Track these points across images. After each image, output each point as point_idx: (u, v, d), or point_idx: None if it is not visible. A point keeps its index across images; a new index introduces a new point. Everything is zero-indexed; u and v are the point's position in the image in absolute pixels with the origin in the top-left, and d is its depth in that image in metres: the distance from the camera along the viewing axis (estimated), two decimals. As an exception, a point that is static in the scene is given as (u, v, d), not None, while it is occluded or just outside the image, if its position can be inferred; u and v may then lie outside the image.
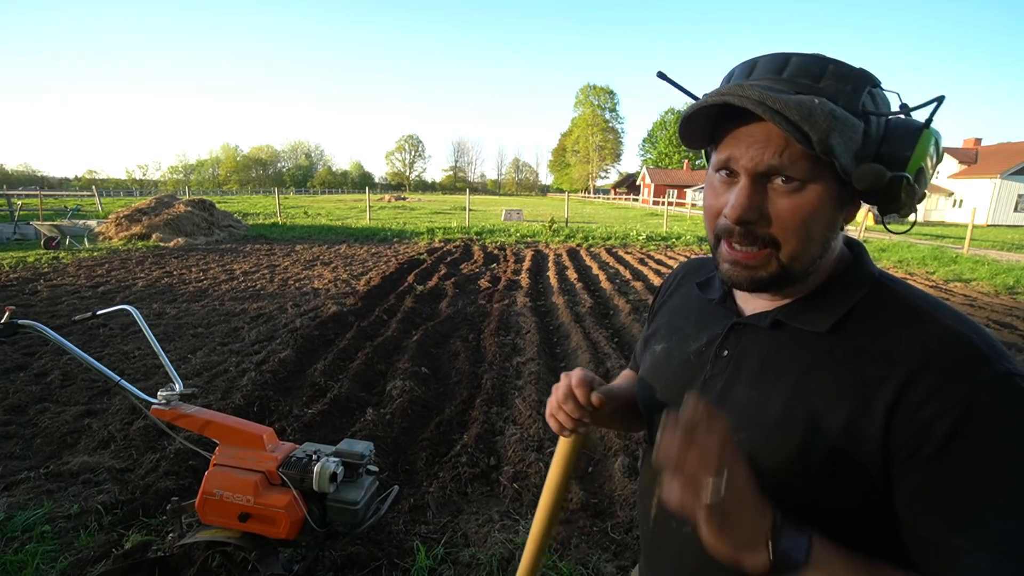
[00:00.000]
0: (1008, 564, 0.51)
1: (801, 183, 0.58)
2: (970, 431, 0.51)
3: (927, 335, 0.56)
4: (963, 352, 0.54)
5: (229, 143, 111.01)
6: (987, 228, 27.16)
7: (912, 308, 0.59)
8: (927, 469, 0.53)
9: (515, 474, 2.87)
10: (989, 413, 0.51)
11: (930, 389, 0.53)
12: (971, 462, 0.52)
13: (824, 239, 0.61)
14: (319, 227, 17.45)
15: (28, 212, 18.00)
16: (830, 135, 0.53)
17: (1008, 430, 0.51)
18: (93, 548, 2.21)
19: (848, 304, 0.62)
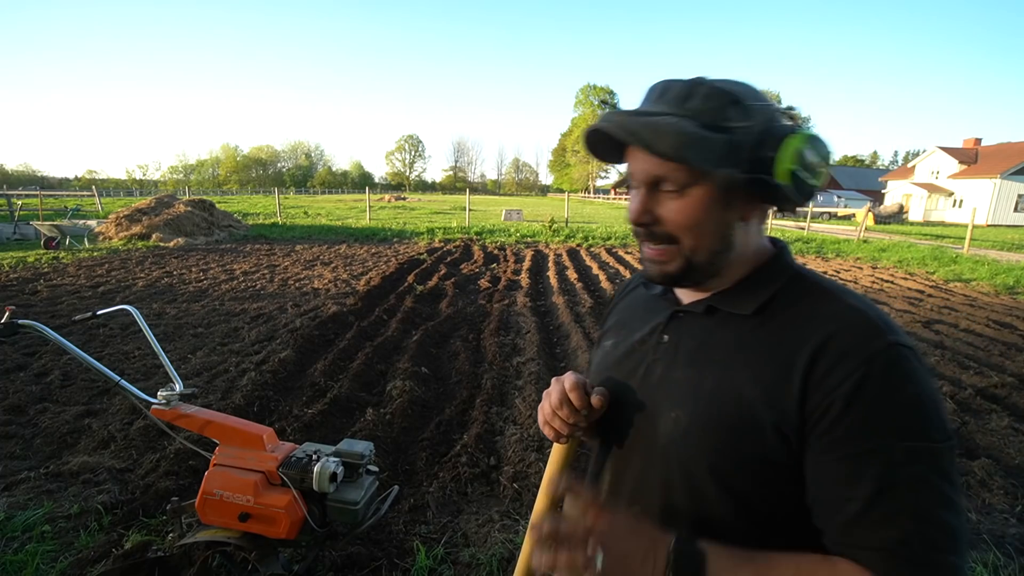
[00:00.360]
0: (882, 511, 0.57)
1: (681, 188, 0.66)
2: (862, 397, 0.58)
3: (834, 312, 0.64)
4: (863, 325, 0.61)
5: (229, 143, 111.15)
6: (987, 228, 27.16)
7: (823, 291, 0.67)
8: (832, 430, 0.59)
9: (515, 474, 2.87)
10: (882, 378, 0.58)
11: (835, 357, 0.60)
12: (864, 421, 0.58)
13: (719, 234, 0.69)
14: (319, 227, 17.45)
15: (28, 212, 17.99)
16: (681, 148, 0.62)
17: (895, 392, 0.58)
18: (93, 548, 2.21)
19: (771, 290, 0.69)
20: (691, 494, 0.69)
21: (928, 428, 0.57)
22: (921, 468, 0.56)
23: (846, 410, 0.58)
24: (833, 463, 0.59)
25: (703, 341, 0.72)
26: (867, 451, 0.58)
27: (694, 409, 0.68)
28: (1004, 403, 4.07)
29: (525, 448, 3.07)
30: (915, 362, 0.60)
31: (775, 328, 0.66)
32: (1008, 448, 3.32)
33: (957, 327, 6.34)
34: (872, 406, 0.58)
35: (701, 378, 0.69)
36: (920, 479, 0.56)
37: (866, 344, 0.60)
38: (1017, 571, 2.31)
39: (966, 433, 3.54)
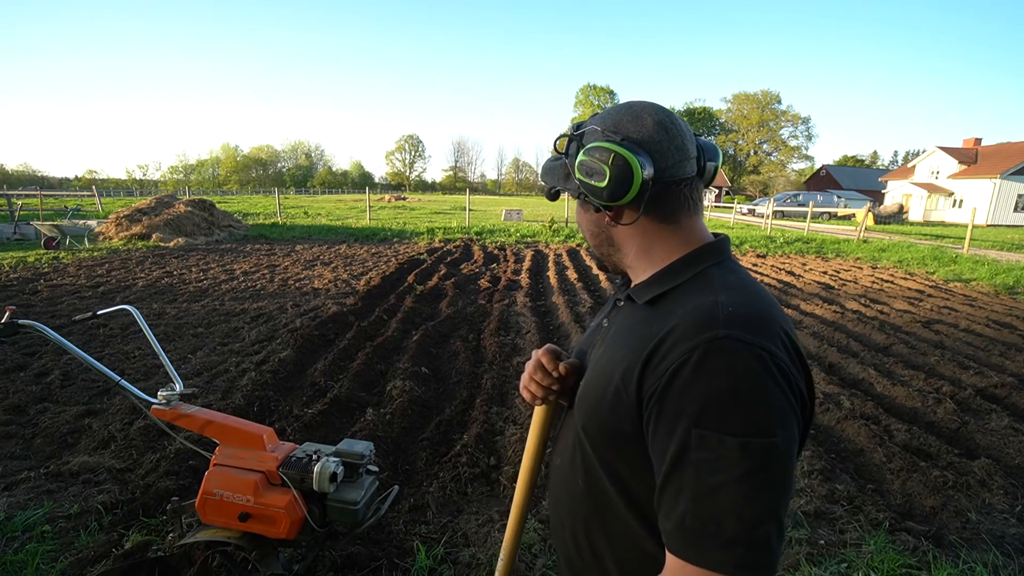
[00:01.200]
0: (671, 491, 0.62)
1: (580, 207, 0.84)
2: (677, 381, 0.62)
3: (695, 304, 0.68)
4: (703, 318, 0.65)
5: (229, 143, 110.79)
6: (987, 228, 27.16)
7: (707, 287, 0.71)
8: (652, 411, 0.65)
9: (515, 474, 2.87)
10: (696, 367, 0.61)
11: (669, 345, 0.65)
12: (671, 406, 0.63)
13: (593, 233, 0.84)
14: (319, 227, 17.45)
15: (28, 212, 17.99)
16: (543, 176, 0.86)
17: (704, 382, 0.61)
18: (93, 548, 2.22)
19: (669, 285, 0.75)
20: (582, 457, 0.79)
21: (726, 420, 0.59)
22: (707, 455, 0.59)
23: (663, 393, 0.63)
24: (653, 440, 0.66)
25: (620, 325, 0.81)
26: (669, 432, 0.62)
27: (588, 377, 0.80)
28: (1004, 403, 4.07)
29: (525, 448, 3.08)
30: (739, 356, 0.61)
31: (652, 317, 0.73)
32: (1008, 448, 3.32)
33: (957, 327, 6.34)
34: (681, 392, 0.62)
35: (601, 355, 0.80)
36: (705, 464, 0.59)
37: (696, 334, 0.63)
38: (1017, 571, 2.31)
39: (966, 433, 3.55)
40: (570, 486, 0.83)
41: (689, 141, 0.76)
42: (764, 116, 75.55)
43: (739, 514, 0.57)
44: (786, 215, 29.55)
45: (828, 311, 6.85)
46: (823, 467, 2.96)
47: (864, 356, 5.05)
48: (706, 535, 0.58)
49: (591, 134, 0.77)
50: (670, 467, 0.62)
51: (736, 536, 0.57)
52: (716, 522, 0.58)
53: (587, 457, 0.78)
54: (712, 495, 0.58)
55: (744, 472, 0.57)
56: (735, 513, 0.57)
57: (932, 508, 2.75)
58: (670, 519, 0.62)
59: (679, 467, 0.61)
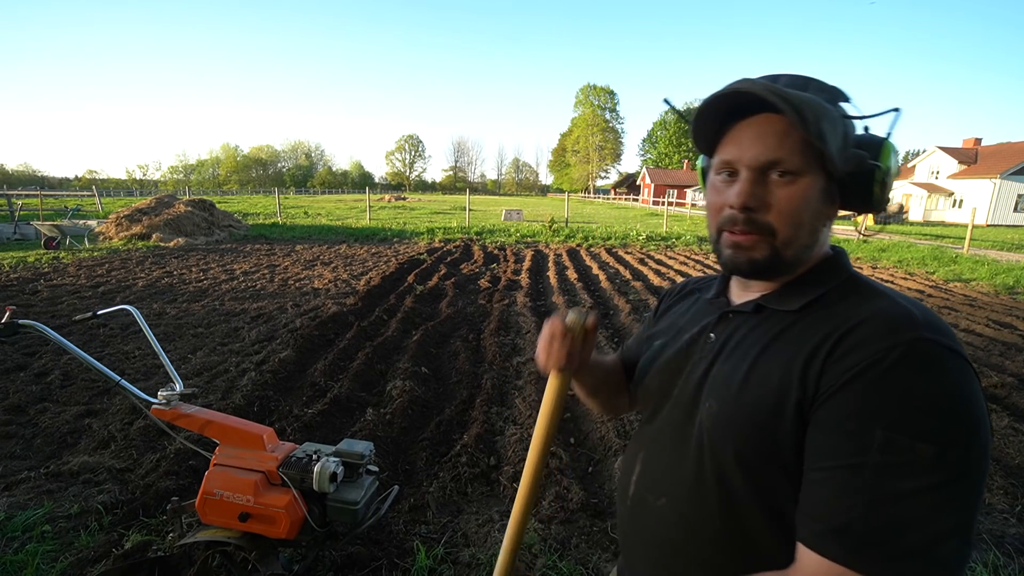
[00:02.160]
0: (839, 490, 0.55)
1: (795, 175, 0.65)
2: (865, 378, 0.56)
3: (874, 306, 0.62)
4: (900, 319, 0.59)
5: (229, 143, 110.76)
6: (987, 228, 27.16)
7: (873, 291, 0.66)
8: (828, 404, 0.58)
9: (515, 474, 2.87)
10: (892, 365, 0.55)
11: (859, 340, 0.59)
12: (853, 403, 0.56)
13: (813, 228, 0.69)
14: (319, 227, 17.45)
15: (28, 212, 17.99)
16: (821, 121, 0.61)
17: (902, 381, 0.55)
18: (93, 548, 2.22)
19: (821, 289, 0.69)
20: (720, 485, 0.68)
21: (922, 424, 0.53)
22: (899, 459, 0.53)
23: (843, 389, 0.57)
24: (818, 436, 0.58)
25: (746, 337, 0.72)
26: (852, 429, 0.56)
27: (725, 396, 0.68)
28: (1004, 403, 4.07)
29: (525, 448, 3.07)
30: (948, 361, 0.55)
31: (815, 320, 0.66)
32: (1008, 448, 3.32)
33: (957, 327, 6.33)
34: (871, 389, 0.55)
35: (736, 369, 0.69)
36: (893, 468, 0.53)
37: (892, 333, 0.57)
38: (1017, 571, 2.31)
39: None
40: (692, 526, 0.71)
41: None
42: (764, 116, 75.45)
43: (922, 527, 0.52)
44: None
45: (828, 311, 6.84)
46: (823, 467, 2.96)
47: (864, 356, 5.04)
48: (878, 543, 0.52)
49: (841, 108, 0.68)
50: (842, 466, 0.55)
51: (915, 549, 0.51)
52: (894, 532, 0.52)
53: (733, 492, 0.67)
54: (894, 503, 0.52)
55: (936, 483, 0.52)
56: (917, 526, 0.52)
57: (932, 508, 2.74)
58: (828, 520, 0.55)
59: (856, 468, 0.54)
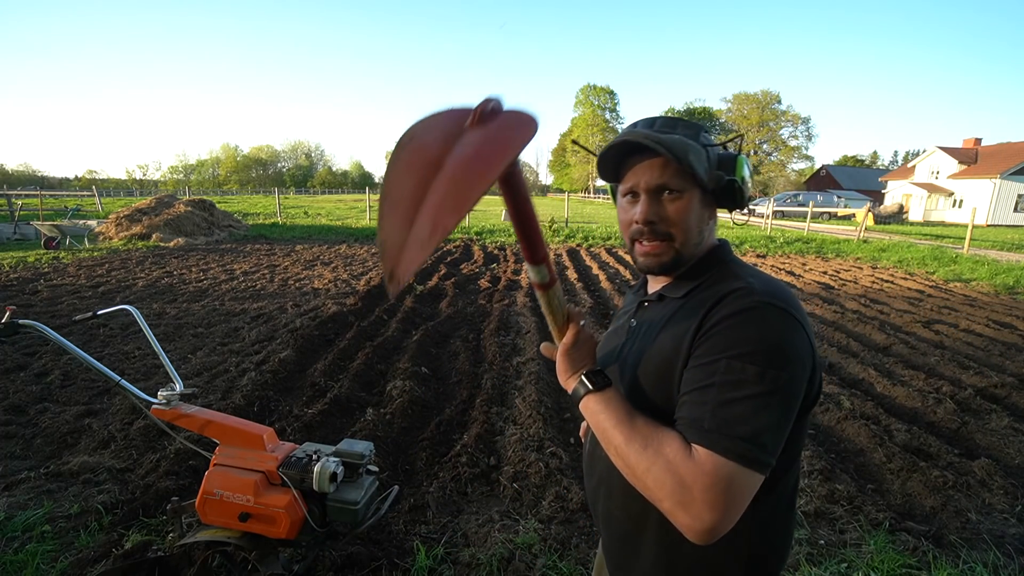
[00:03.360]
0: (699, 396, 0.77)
1: (679, 192, 0.88)
2: (719, 329, 0.79)
3: (732, 285, 0.84)
4: (746, 291, 0.81)
5: (229, 143, 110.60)
6: (987, 228, 27.15)
7: (737, 275, 0.87)
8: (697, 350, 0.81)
9: (515, 474, 2.87)
10: (739, 318, 0.78)
11: (719, 310, 0.81)
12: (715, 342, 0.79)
13: (699, 230, 0.91)
14: (319, 227, 17.45)
15: (28, 212, 17.99)
16: (687, 154, 0.83)
17: (744, 328, 0.77)
18: (93, 548, 2.22)
19: (700, 279, 0.91)
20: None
21: (754, 355, 0.75)
22: (734, 377, 0.74)
23: (705, 339, 0.80)
24: (687, 373, 0.81)
25: (653, 320, 0.94)
26: (707, 361, 0.78)
27: (641, 368, 0.91)
28: (1004, 403, 4.07)
29: (525, 448, 3.07)
30: (776, 314, 0.78)
31: (696, 302, 0.87)
32: (1008, 448, 3.32)
33: (957, 327, 6.33)
34: (723, 334, 0.78)
35: (645, 346, 0.92)
36: (731, 383, 0.74)
37: (738, 300, 0.80)
38: (1017, 571, 2.31)
39: (966, 433, 3.55)
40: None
41: None
42: (764, 116, 75.51)
43: (748, 420, 0.73)
44: (786, 215, 29.54)
45: (828, 311, 6.85)
46: (823, 467, 2.96)
47: (864, 356, 5.04)
48: (719, 430, 0.73)
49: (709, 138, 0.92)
50: (699, 386, 0.77)
51: (743, 435, 0.72)
52: (731, 423, 0.73)
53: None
54: (731, 405, 0.74)
55: (758, 392, 0.73)
56: (745, 419, 0.73)
57: (932, 508, 2.75)
58: (691, 420, 0.76)
59: (708, 386, 0.76)
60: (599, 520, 1.06)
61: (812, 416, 3.73)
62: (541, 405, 3.62)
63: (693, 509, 0.71)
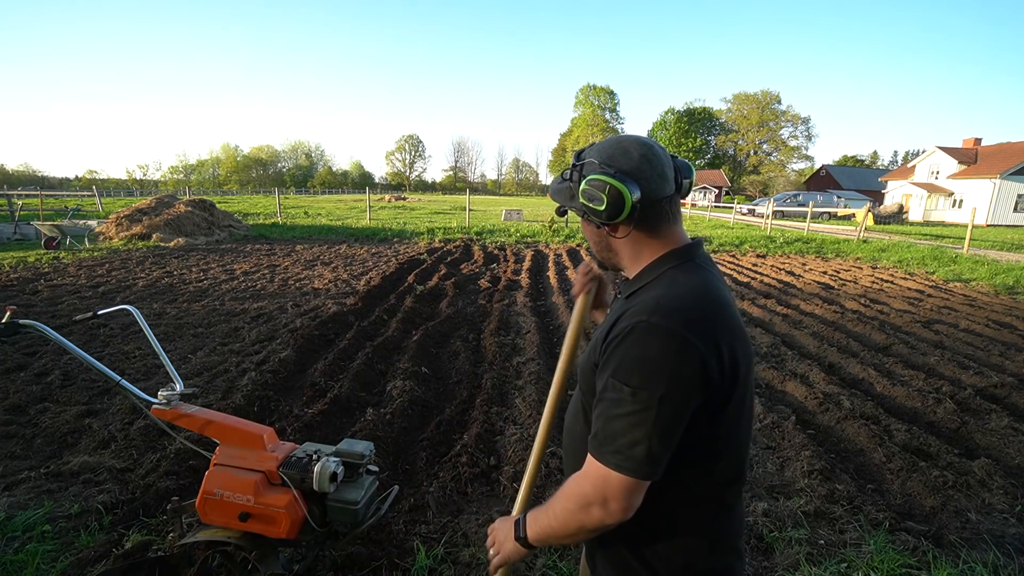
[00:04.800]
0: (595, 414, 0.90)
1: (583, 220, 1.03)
2: (611, 346, 0.89)
3: (644, 297, 0.93)
4: (643, 307, 0.89)
5: (229, 143, 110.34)
6: (987, 228, 27.15)
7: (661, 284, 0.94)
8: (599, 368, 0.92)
9: (515, 474, 2.87)
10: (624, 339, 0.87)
11: (619, 325, 0.90)
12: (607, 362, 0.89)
13: (598, 243, 1.05)
14: (319, 227, 17.46)
15: (28, 212, 18.00)
16: (556, 196, 1.06)
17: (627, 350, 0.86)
18: (93, 548, 2.22)
19: (641, 283, 0.98)
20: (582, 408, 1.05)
21: (629, 375, 0.85)
22: (615, 395, 0.86)
23: (605, 350, 0.91)
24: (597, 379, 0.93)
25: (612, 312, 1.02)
26: (601, 378, 0.90)
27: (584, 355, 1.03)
28: (1004, 403, 4.07)
29: (525, 448, 3.07)
30: (654, 334, 0.85)
31: (628, 306, 0.94)
32: (1008, 448, 3.32)
33: (957, 327, 6.34)
34: (612, 352, 0.88)
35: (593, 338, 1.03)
36: (613, 400, 0.86)
37: (635, 317, 0.87)
38: (1017, 571, 2.31)
39: (966, 433, 3.55)
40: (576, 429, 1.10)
41: (667, 167, 0.96)
42: (764, 116, 75.51)
43: (624, 435, 0.84)
44: (786, 215, 29.54)
45: (828, 311, 6.85)
46: (823, 467, 2.96)
47: (864, 356, 5.05)
48: (604, 443, 0.87)
49: (590, 166, 0.97)
50: (597, 398, 0.90)
51: (620, 447, 0.85)
52: (612, 437, 0.86)
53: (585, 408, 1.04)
54: (612, 421, 0.86)
55: (632, 411, 0.84)
56: (622, 434, 0.85)
57: (932, 508, 2.75)
58: (591, 430, 0.91)
59: (600, 401, 0.89)
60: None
61: (812, 416, 3.76)
62: (541, 405, 3.63)
63: (593, 508, 0.88)
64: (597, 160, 0.95)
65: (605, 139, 1.00)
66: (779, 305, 7.23)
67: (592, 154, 0.98)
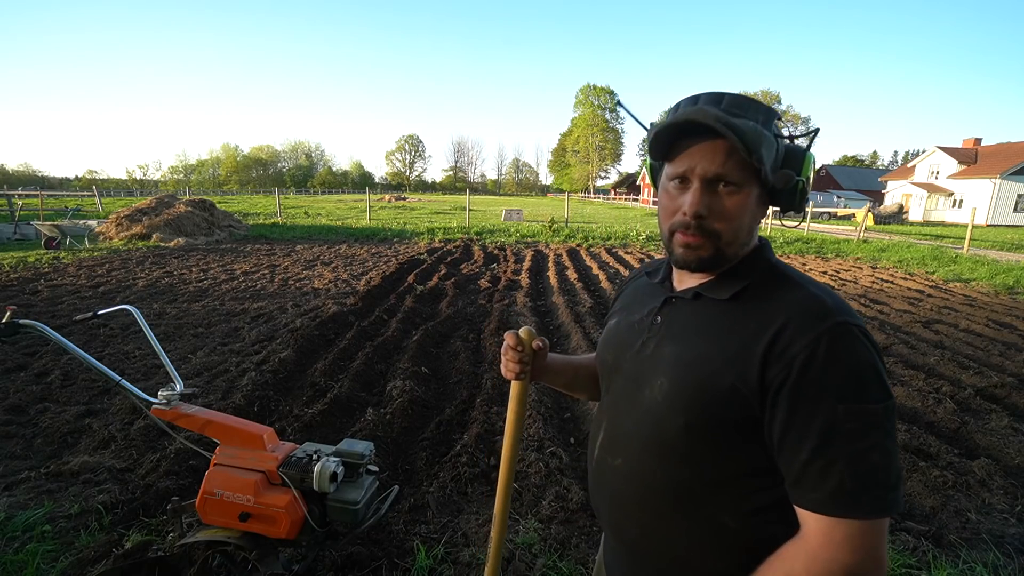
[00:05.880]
0: (823, 461, 0.69)
1: (738, 186, 0.78)
2: (812, 368, 0.70)
3: (794, 298, 0.76)
4: (815, 309, 0.73)
5: (229, 143, 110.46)
6: (987, 228, 27.15)
7: (789, 281, 0.80)
8: (789, 395, 0.71)
9: (515, 474, 2.87)
10: (827, 351, 0.69)
11: (791, 336, 0.72)
12: (812, 387, 0.69)
13: (749, 229, 0.82)
14: (319, 227, 17.46)
15: (28, 212, 18.00)
16: (760, 147, 0.74)
17: (838, 363, 0.69)
18: (93, 548, 2.22)
19: (746, 280, 0.82)
20: (662, 451, 0.83)
21: (864, 391, 0.68)
22: (856, 424, 0.68)
23: (799, 378, 0.70)
24: (788, 423, 0.71)
25: (688, 322, 0.85)
26: (813, 412, 0.69)
27: (674, 376, 0.81)
28: (1004, 403, 4.07)
29: (525, 448, 3.08)
30: (859, 336, 0.71)
31: (746, 310, 0.79)
32: (1008, 448, 3.32)
33: (957, 327, 6.34)
34: (819, 374, 0.69)
35: (682, 351, 0.82)
36: (855, 433, 0.68)
37: (818, 323, 0.71)
38: (1017, 571, 2.31)
39: (966, 433, 3.55)
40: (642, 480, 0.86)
41: None
42: (764, 116, 75.48)
43: (887, 466, 0.68)
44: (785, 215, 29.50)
45: (828, 311, 6.84)
46: (823, 467, 2.96)
47: (864, 356, 5.04)
48: (866, 491, 0.67)
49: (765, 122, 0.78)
50: (819, 443, 0.68)
51: (887, 483, 0.68)
52: (873, 478, 0.67)
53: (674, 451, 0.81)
54: (866, 457, 0.67)
55: (886, 431, 0.68)
56: (884, 466, 0.68)
57: (932, 508, 2.75)
58: (822, 489, 0.68)
59: (830, 441, 0.68)
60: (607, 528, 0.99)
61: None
62: (541, 405, 3.63)
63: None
64: (763, 118, 0.78)
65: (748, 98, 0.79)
66: (779, 305, 7.22)
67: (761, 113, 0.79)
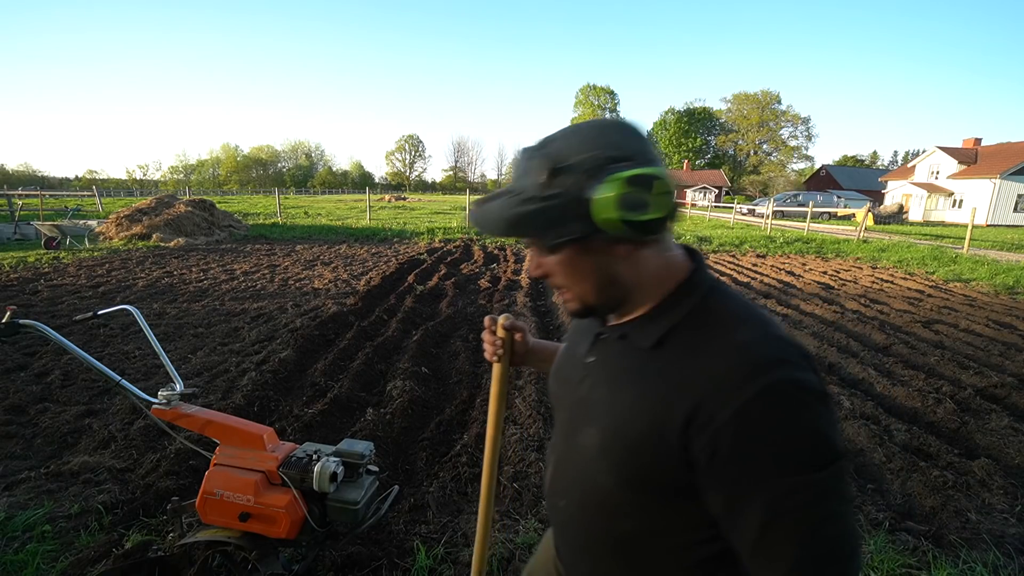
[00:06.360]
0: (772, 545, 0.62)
1: (551, 251, 0.73)
2: (741, 440, 0.61)
3: (720, 350, 0.66)
4: (745, 367, 0.63)
5: (229, 143, 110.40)
6: (987, 228, 27.15)
7: (718, 323, 0.69)
8: (720, 472, 0.63)
9: (515, 474, 2.87)
10: (759, 420, 0.61)
11: (716, 404, 0.62)
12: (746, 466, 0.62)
13: (597, 277, 0.73)
14: (319, 227, 17.45)
15: (28, 212, 18.00)
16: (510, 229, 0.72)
17: (773, 432, 0.61)
18: (93, 548, 2.22)
19: (669, 324, 0.71)
20: (601, 503, 0.77)
21: (806, 460, 0.60)
22: (803, 497, 0.60)
23: (731, 453, 0.62)
24: (727, 501, 0.64)
25: (615, 365, 0.77)
26: (752, 490, 0.62)
27: (603, 426, 0.74)
28: (1004, 403, 4.07)
29: (525, 448, 3.08)
30: (794, 395, 0.61)
31: (669, 360, 0.70)
32: (1008, 448, 3.32)
33: (957, 327, 6.34)
34: (753, 448, 0.61)
35: (611, 400, 0.75)
36: (803, 507, 0.60)
37: (746, 386, 0.61)
38: (1017, 571, 2.31)
39: (966, 433, 3.55)
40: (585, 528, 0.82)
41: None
42: (764, 116, 75.60)
43: (841, 534, 0.62)
44: (786, 215, 29.55)
45: (828, 311, 6.85)
46: (823, 467, 2.96)
47: (864, 356, 5.04)
48: (822, 569, 0.61)
49: (594, 161, 0.65)
50: (766, 523, 0.61)
51: (843, 554, 0.61)
52: (829, 553, 0.61)
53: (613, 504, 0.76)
54: (818, 531, 0.61)
55: (839, 495, 0.61)
56: (838, 535, 0.61)
57: (932, 508, 2.75)
58: (776, 569, 0.62)
59: (776, 520, 0.61)
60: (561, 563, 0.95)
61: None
62: (541, 405, 3.63)
63: None
64: (599, 153, 0.65)
65: (563, 131, 0.70)
66: (779, 305, 7.23)
67: (575, 149, 0.66)
